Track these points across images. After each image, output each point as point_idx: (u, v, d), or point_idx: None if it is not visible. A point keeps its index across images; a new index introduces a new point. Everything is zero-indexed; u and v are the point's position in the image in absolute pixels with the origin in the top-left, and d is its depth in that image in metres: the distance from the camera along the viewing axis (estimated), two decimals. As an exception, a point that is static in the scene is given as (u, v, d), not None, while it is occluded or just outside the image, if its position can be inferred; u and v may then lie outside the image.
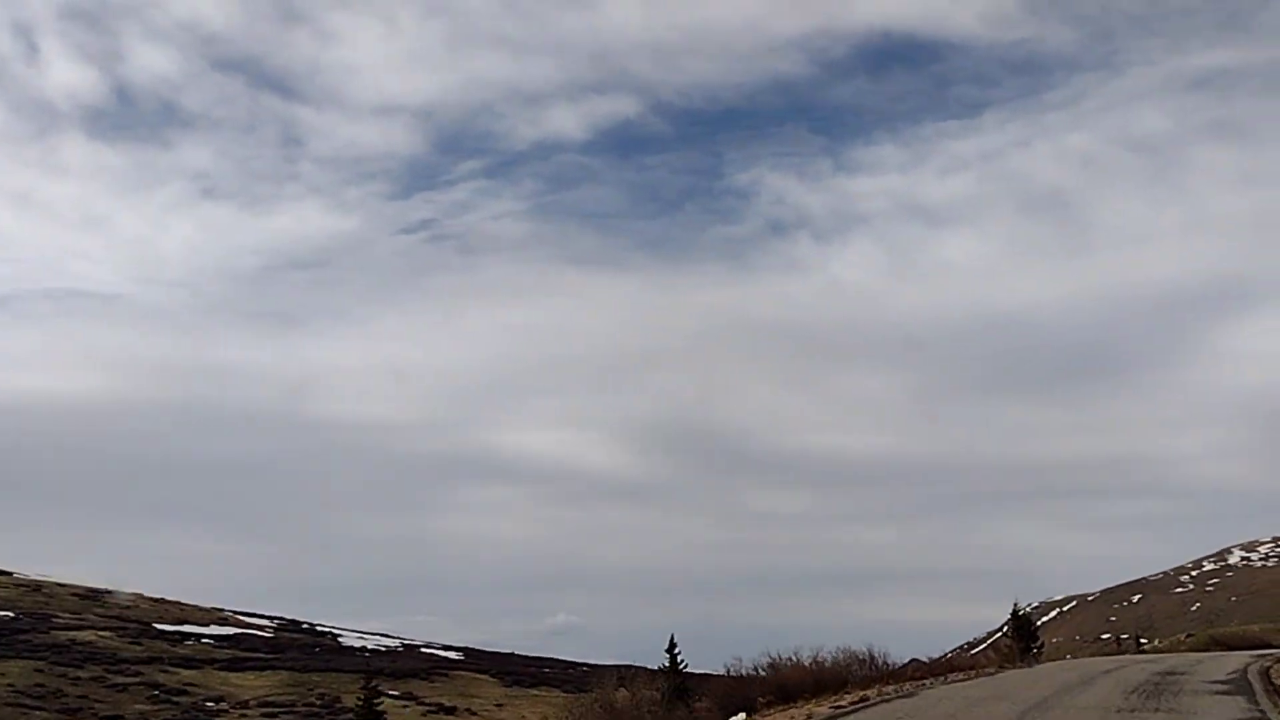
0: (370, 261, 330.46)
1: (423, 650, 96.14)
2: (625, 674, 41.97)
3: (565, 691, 72.97)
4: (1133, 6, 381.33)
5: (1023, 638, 47.25)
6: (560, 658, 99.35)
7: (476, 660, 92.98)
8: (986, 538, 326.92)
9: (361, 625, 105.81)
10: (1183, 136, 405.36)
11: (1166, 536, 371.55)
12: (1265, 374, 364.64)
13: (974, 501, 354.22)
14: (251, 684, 71.63)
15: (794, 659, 33.63)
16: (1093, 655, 72.99)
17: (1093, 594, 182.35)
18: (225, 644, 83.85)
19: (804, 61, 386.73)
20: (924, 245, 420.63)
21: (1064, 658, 64.00)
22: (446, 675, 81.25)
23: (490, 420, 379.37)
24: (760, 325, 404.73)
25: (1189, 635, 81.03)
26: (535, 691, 78.83)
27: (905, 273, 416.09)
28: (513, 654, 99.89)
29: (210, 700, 66.15)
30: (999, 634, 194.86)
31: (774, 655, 34.20)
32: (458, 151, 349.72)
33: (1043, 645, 51.72)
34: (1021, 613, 50.70)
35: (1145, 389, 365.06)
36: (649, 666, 43.05)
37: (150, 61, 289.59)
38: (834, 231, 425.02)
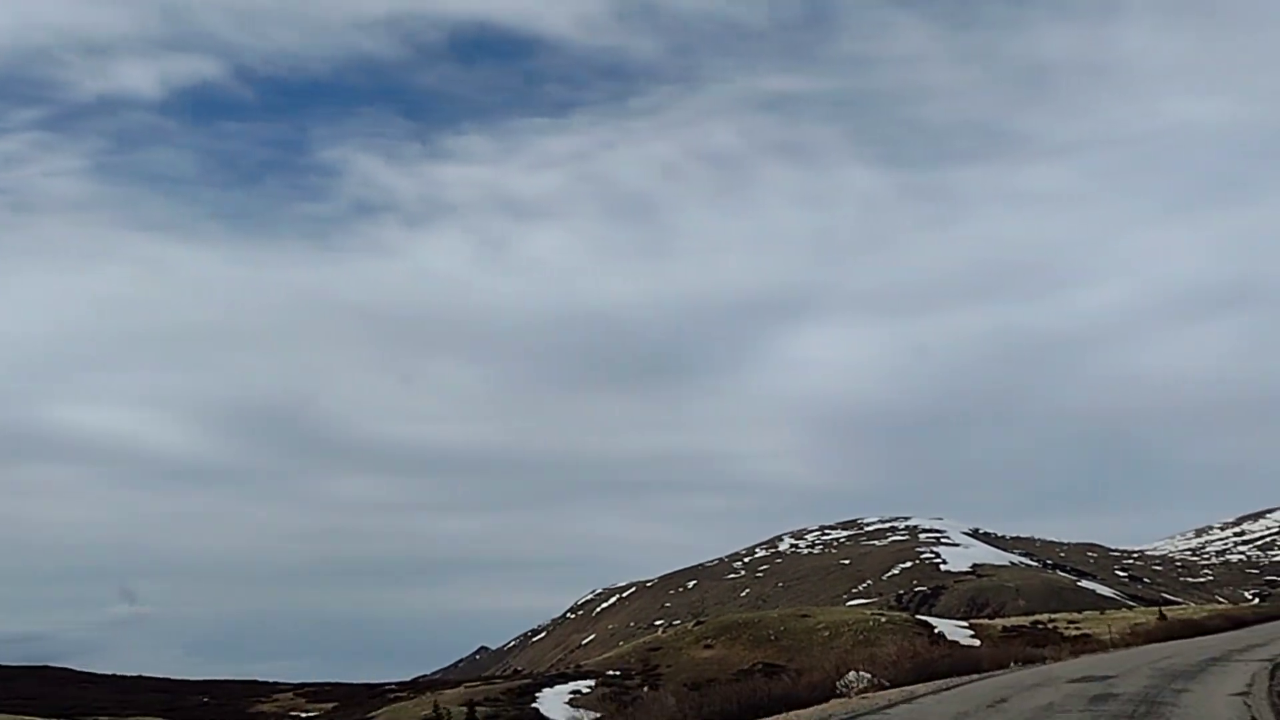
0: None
1: None
2: None
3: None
4: (710, 26, 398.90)
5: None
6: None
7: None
8: (570, 528, 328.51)
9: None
10: (753, 154, 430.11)
11: (729, 527, 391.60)
12: (818, 381, 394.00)
13: (559, 493, 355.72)
14: None
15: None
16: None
17: (651, 580, 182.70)
18: None
19: (396, 43, 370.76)
20: (513, 238, 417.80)
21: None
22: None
23: (46, 395, 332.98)
24: (348, 309, 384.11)
25: (697, 623, 75.73)
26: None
27: (494, 264, 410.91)
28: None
29: None
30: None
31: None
32: (10, 98, 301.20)
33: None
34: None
35: (716, 390, 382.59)
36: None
37: None
38: (423, 218, 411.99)
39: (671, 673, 58.09)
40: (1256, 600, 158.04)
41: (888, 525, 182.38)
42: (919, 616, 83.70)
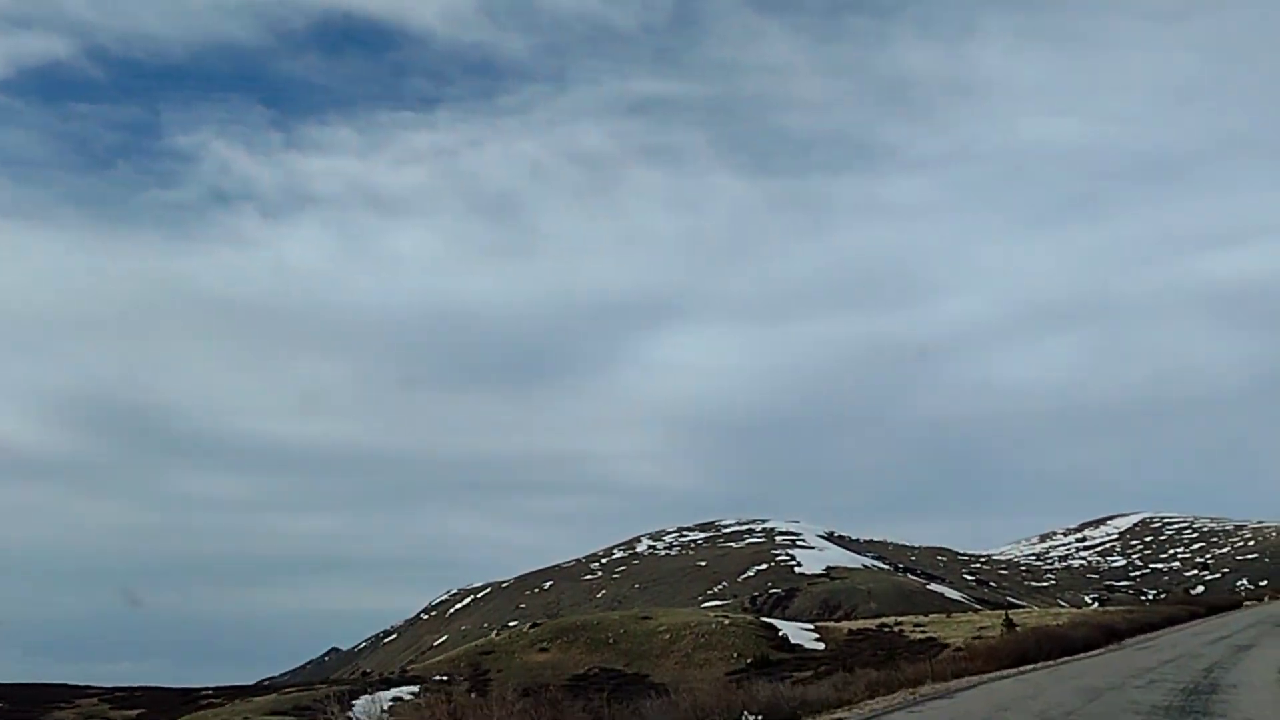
0: None
1: None
2: None
3: None
4: (581, 27, 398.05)
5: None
6: None
7: None
8: (429, 528, 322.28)
9: None
10: (621, 157, 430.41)
11: (590, 528, 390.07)
12: (683, 384, 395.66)
13: (419, 492, 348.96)
14: None
15: None
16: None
17: (507, 581, 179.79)
18: None
19: (259, 29, 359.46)
20: (376, 233, 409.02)
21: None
22: None
23: None
24: (203, 301, 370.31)
25: (533, 626, 73.75)
26: None
27: (357, 259, 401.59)
28: None
29: None
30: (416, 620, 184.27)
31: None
32: None
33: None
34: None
35: (581, 392, 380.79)
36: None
37: None
38: (284, 209, 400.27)
39: (502, 677, 55.73)
40: (1096, 604, 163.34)
41: (745, 528, 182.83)
42: (765, 619, 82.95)
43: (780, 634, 74.17)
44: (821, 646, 73.22)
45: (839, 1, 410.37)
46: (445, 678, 55.00)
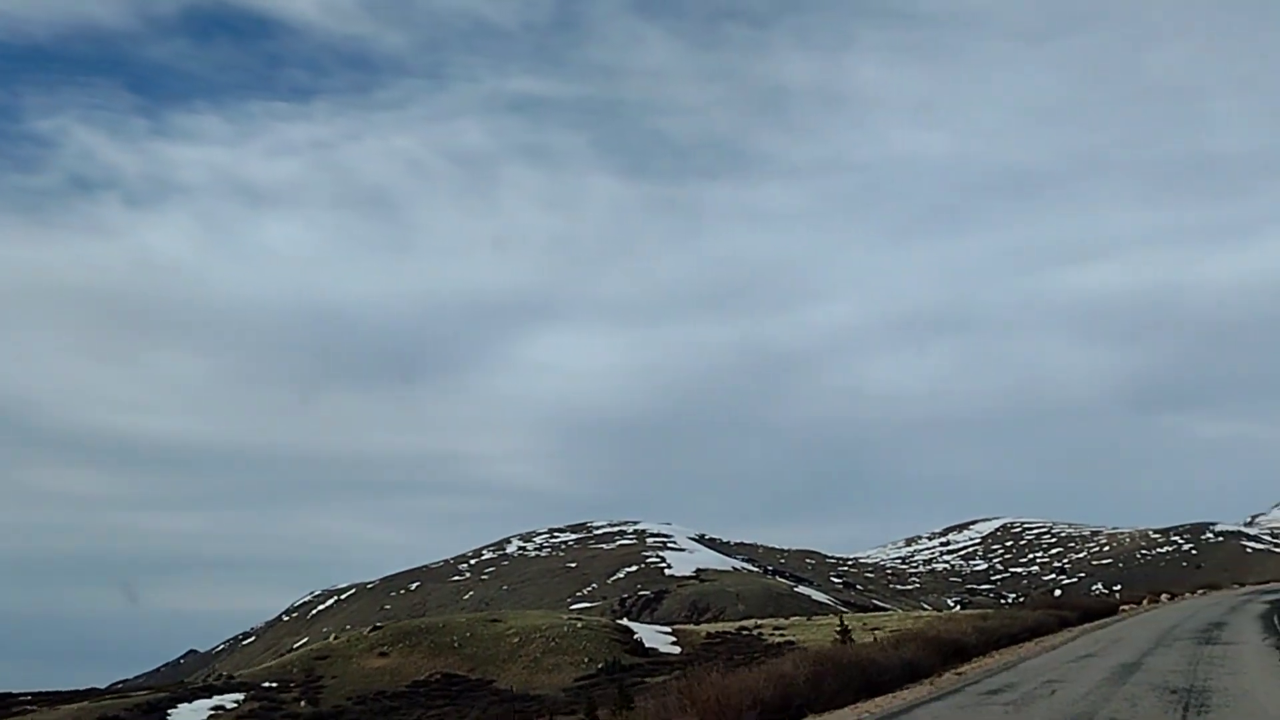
0: None
1: None
2: None
3: None
4: (461, 23, 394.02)
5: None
6: None
7: None
8: (297, 528, 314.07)
9: None
10: (499, 155, 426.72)
11: (462, 529, 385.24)
12: (559, 385, 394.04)
13: (287, 491, 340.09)
14: None
15: None
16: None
17: (373, 582, 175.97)
18: None
19: (125, 12, 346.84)
20: (246, 225, 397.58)
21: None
22: None
23: None
24: (60, 290, 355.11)
25: (374, 629, 70.78)
26: None
27: (225, 251, 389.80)
28: None
29: None
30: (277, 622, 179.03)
31: None
32: None
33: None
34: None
35: (454, 391, 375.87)
36: None
37: None
38: (149, 198, 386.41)
39: (336, 685, 53.44)
40: (958, 607, 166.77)
41: (616, 529, 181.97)
42: (620, 622, 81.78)
43: (635, 637, 72.99)
44: (678, 650, 72.21)
45: (718, 9, 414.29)
46: (275, 684, 52.46)
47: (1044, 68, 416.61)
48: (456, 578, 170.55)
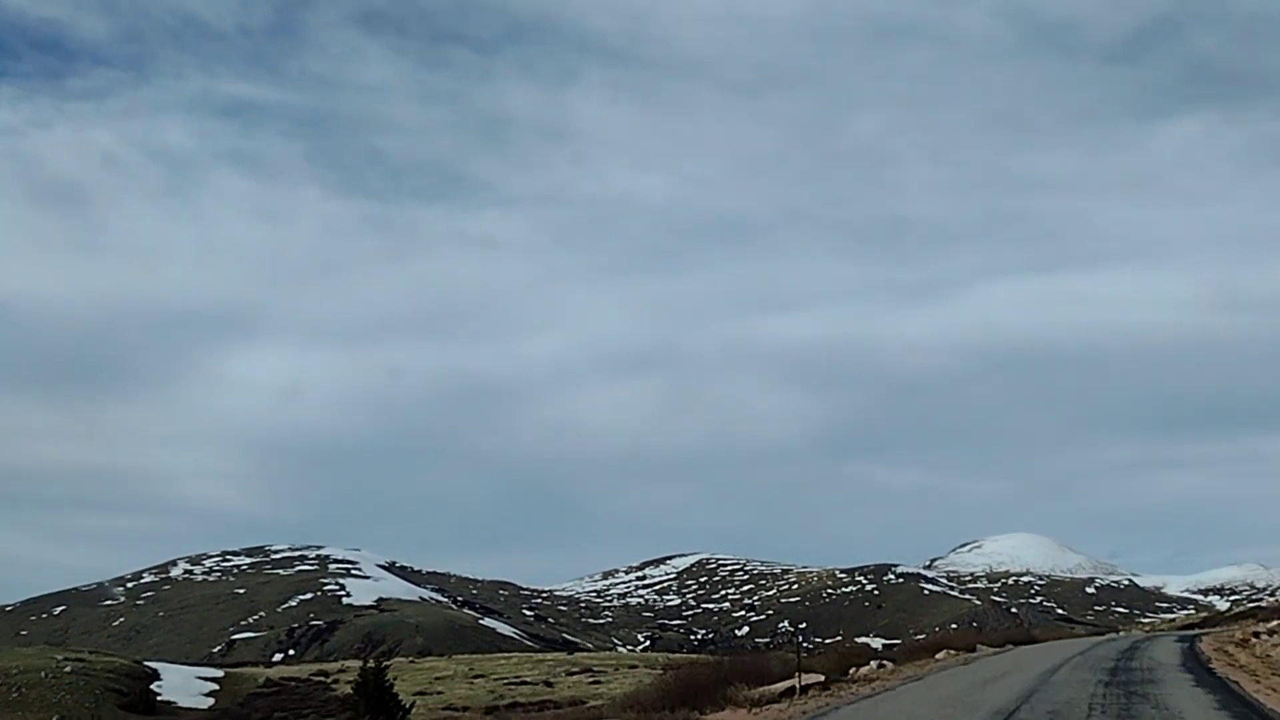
0: None
1: None
2: None
3: None
4: (169, 18, 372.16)
5: None
6: None
7: None
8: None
9: None
10: (205, 158, 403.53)
11: (133, 550, 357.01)
12: (256, 403, 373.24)
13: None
14: None
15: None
16: None
17: (12, 605, 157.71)
18: None
19: None
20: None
21: None
22: None
23: None
24: None
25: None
26: None
27: None
28: None
29: None
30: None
31: None
32: None
33: None
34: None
35: (141, 403, 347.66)
36: None
37: None
38: None
39: None
40: (648, 644, 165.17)
41: (298, 554, 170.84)
42: (144, 664, 65.51)
43: (149, 688, 59.46)
44: (208, 705, 59.20)
45: (442, 31, 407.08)
46: None
47: (757, 122, 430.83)
48: (109, 601, 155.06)
